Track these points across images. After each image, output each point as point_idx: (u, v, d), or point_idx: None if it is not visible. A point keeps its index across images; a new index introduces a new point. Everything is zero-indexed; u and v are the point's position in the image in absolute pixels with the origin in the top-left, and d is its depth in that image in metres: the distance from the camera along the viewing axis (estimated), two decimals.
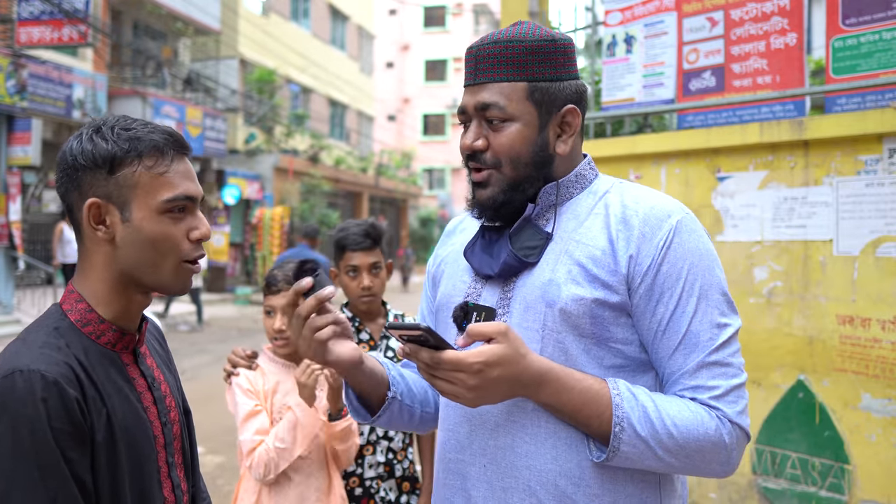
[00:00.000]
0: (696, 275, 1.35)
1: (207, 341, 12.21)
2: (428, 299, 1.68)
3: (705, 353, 1.33)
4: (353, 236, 2.64)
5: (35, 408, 1.16)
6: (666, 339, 1.35)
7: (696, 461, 1.32)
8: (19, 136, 13.52)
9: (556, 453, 1.35)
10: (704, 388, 1.33)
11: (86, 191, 1.30)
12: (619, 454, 1.30)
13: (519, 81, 1.40)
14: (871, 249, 2.91)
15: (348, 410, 1.57)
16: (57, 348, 1.24)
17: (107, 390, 1.27)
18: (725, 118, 3.60)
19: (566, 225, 1.43)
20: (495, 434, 1.39)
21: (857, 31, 3.12)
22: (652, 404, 1.31)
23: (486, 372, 1.25)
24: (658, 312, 1.35)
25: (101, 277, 1.32)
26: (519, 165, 1.42)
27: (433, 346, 1.26)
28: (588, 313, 1.35)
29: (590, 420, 1.32)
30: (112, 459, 1.25)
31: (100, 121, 1.34)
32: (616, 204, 1.42)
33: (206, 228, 1.35)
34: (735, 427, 1.33)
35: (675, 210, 1.39)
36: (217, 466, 5.80)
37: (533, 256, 1.41)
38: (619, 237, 1.37)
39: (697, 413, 1.31)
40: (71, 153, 1.31)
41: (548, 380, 1.31)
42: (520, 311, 1.40)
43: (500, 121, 1.41)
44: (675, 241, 1.36)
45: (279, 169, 21.96)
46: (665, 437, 1.29)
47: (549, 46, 1.41)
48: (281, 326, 2.44)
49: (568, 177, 1.47)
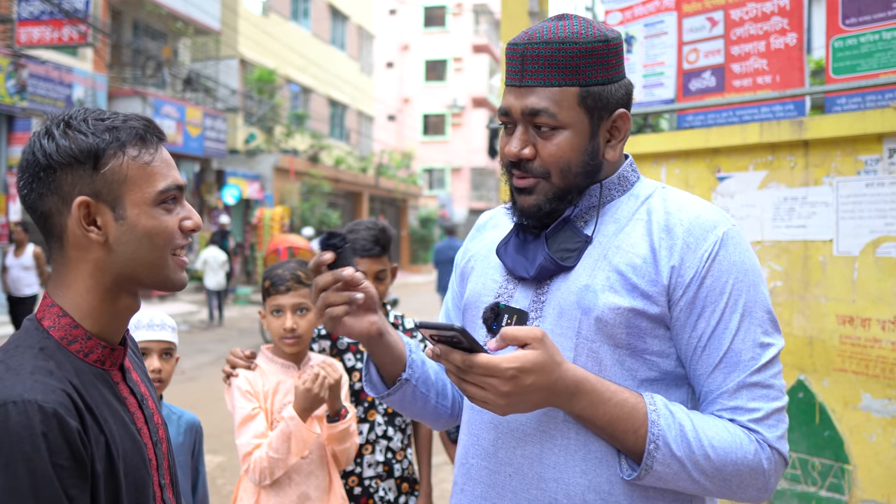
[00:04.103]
0: (740, 290, 1.29)
1: (207, 341, 12.20)
2: (455, 295, 1.62)
3: (746, 374, 1.28)
4: (362, 241, 2.59)
5: (34, 444, 1.04)
6: (706, 355, 1.30)
7: (731, 485, 1.27)
8: (19, 136, 13.54)
9: (585, 467, 1.29)
10: (744, 409, 1.28)
11: (68, 192, 1.17)
12: (651, 473, 1.25)
13: (571, 87, 1.32)
14: (871, 249, 2.91)
15: (363, 381, 1.53)
16: (49, 373, 1.11)
17: (103, 415, 1.16)
18: (725, 118, 3.60)
19: (606, 229, 1.37)
20: (523, 443, 1.33)
21: (857, 31, 3.11)
22: (690, 423, 1.25)
23: (520, 379, 1.19)
24: (699, 327, 1.29)
25: (88, 287, 1.20)
26: (568, 175, 1.35)
27: (465, 348, 1.20)
28: (624, 323, 1.29)
29: (624, 435, 1.26)
30: (112, 490, 1.15)
31: (62, 115, 1.20)
32: (660, 210, 1.35)
33: (197, 218, 1.27)
34: (774, 452, 1.28)
35: (721, 221, 1.33)
36: (217, 466, 5.79)
37: (570, 260, 1.34)
38: (661, 246, 1.31)
39: (736, 435, 1.26)
40: (43, 153, 1.16)
41: (583, 390, 1.25)
42: (553, 316, 1.34)
43: (550, 128, 1.33)
44: (721, 253, 1.30)
45: (279, 169, 21.96)
46: (701, 458, 1.24)
47: (602, 48, 1.33)
48: (292, 325, 2.38)
49: (611, 178, 1.40)
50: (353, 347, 2.67)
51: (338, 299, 1.33)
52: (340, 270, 1.34)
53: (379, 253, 2.61)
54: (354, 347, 2.67)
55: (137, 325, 2.16)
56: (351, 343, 2.66)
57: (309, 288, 2.43)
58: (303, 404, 2.24)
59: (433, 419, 1.59)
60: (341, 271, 1.33)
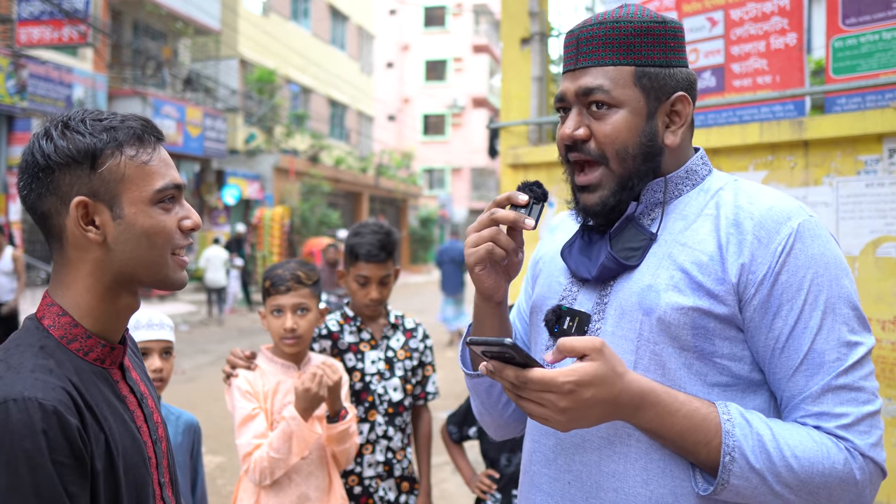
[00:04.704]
0: (820, 285, 1.20)
1: (207, 341, 12.20)
2: (526, 296, 1.57)
3: (832, 376, 1.18)
4: (367, 246, 2.58)
5: (34, 441, 1.04)
6: (785, 357, 1.20)
7: (820, 499, 1.17)
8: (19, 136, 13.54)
9: (646, 477, 1.22)
10: (831, 415, 1.18)
11: (66, 192, 1.17)
12: (728, 487, 1.16)
13: (626, 66, 1.27)
14: (871, 249, 2.91)
15: (459, 351, 1.49)
16: (49, 371, 1.12)
17: (103, 413, 1.16)
18: (725, 118, 3.60)
19: (673, 226, 1.30)
20: (581, 450, 1.28)
21: (857, 31, 3.11)
22: (769, 432, 1.16)
23: (579, 393, 1.12)
24: (776, 327, 1.20)
25: (87, 286, 1.20)
26: (626, 157, 1.29)
27: (519, 363, 1.13)
28: (689, 324, 1.21)
29: (696, 448, 1.18)
30: (112, 488, 1.15)
31: (61, 117, 1.21)
32: (729, 204, 1.28)
33: (196, 217, 1.26)
34: (868, 461, 1.17)
35: (796, 212, 1.24)
36: (217, 466, 5.79)
37: (634, 259, 1.28)
38: (729, 242, 1.23)
39: (822, 444, 1.16)
40: (41, 154, 1.17)
41: (649, 402, 1.17)
42: (615, 317, 1.28)
43: (606, 107, 1.28)
44: (797, 246, 1.20)
45: (279, 169, 21.97)
46: (784, 470, 1.15)
47: (658, 28, 1.28)
48: (293, 326, 2.38)
49: (677, 172, 1.33)
50: (353, 347, 2.67)
51: (502, 239, 1.30)
52: (523, 219, 1.29)
53: (384, 258, 2.61)
54: (355, 347, 2.67)
55: (137, 325, 2.17)
56: (351, 343, 2.67)
57: (309, 288, 2.43)
58: (303, 404, 2.24)
59: (499, 419, 1.53)
60: (524, 219, 1.29)
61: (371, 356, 2.66)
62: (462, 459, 2.92)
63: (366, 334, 2.68)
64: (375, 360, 2.66)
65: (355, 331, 2.68)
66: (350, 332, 2.68)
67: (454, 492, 5.25)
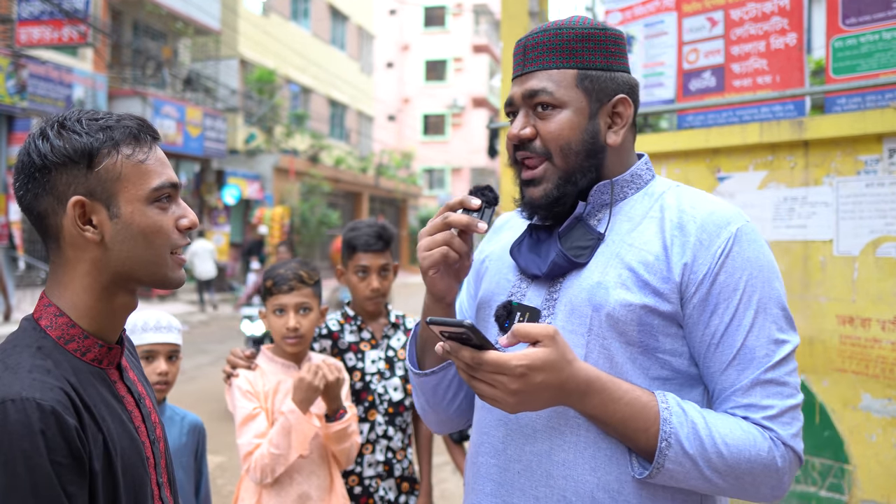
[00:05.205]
0: (754, 286, 1.28)
1: (207, 341, 12.21)
2: (469, 294, 1.62)
3: (761, 370, 1.26)
4: (364, 237, 2.64)
5: (33, 441, 1.04)
6: (719, 352, 1.28)
7: (745, 483, 1.25)
8: (19, 136, 13.53)
9: (595, 464, 1.28)
10: (758, 406, 1.27)
11: (63, 191, 1.17)
12: (663, 471, 1.23)
13: (569, 69, 1.35)
14: (871, 249, 2.91)
15: (406, 353, 1.53)
16: (46, 371, 1.12)
17: (101, 413, 1.16)
18: (725, 118, 3.60)
19: (619, 227, 1.37)
20: (532, 440, 1.33)
21: (857, 31, 3.12)
22: (702, 421, 1.24)
23: (530, 376, 1.18)
24: (712, 324, 1.28)
25: (85, 286, 1.20)
26: (570, 154, 1.35)
27: (475, 345, 1.19)
28: (636, 320, 1.28)
29: (636, 434, 1.25)
30: (110, 488, 1.15)
31: (57, 117, 1.21)
32: (673, 208, 1.35)
33: (193, 216, 1.27)
34: (788, 450, 1.27)
35: (735, 218, 1.32)
36: (217, 466, 5.80)
37: (583, 257, 1.34)
38: (674, 243, 1.31)
39: (749, 433, 1.25)
40: (38, 154, 1.17)
41: (594, 389, 1.24)
42: (565, 313, 1.34)
43: (550, 108, 1.35)
44: (734, 250, 1.29)
45: (279, 169, 21.97)
46: (714, 456, 1.23)
47: (600, 35, 1.37)
48: (295, 325, 2.39)
49: (623, 175, 1.40)
50: (353, 347, 2.67)
51: (455, 243, 1.35)
52: (475, 221, 1.34)
53: (382, 248, 2.66)
54: (355, 347, 2.67)
55: (145, 328, 2.16)
56: (351, 342, 2.67)
57: (311, 288, 2.43)
58: (300, 395, 2.24)
59: (444, 415, 1.57)
60: (476, 223, 1.34)
61: (371, 356, 2.67)
62: (463, 459, 2.92)
63: (366, 334, 2.69)
64: (376, 359, 2.67)
65: (356, 330, 2.69)
66: (350, 332, 2.68)
67: (454, 492, 5.25)
